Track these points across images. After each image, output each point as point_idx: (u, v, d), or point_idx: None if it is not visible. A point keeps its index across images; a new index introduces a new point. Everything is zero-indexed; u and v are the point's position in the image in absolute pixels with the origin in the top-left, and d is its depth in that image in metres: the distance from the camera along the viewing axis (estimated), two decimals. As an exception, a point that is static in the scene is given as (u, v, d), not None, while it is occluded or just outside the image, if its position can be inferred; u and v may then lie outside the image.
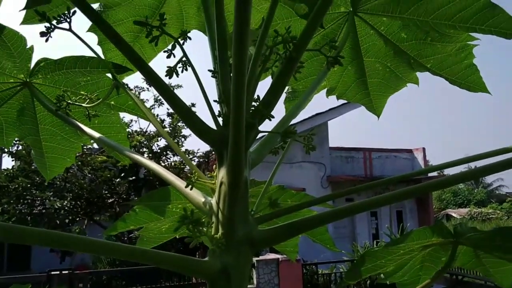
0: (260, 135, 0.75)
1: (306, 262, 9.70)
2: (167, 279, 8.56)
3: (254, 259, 8.59)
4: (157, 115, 12.00)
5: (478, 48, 1.04)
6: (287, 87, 1.21)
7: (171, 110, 11.18)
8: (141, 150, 11.57)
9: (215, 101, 0.76)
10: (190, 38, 0.77)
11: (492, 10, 0.90)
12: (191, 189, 0.74)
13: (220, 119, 0.76)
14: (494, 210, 29.65)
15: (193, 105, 12.01)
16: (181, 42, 0.76)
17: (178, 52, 0.77)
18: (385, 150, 15.39)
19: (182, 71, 0.77)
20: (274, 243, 0.71)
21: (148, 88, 12.86)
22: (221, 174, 0.70)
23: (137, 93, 12.63)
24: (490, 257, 0.99)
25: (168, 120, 12.47)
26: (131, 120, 12.63)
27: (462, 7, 0.91)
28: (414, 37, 1.03)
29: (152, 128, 12.43)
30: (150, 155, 11.73)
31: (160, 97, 10.22)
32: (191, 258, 0.65)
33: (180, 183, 0.77)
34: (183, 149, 12.36)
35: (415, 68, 1.11)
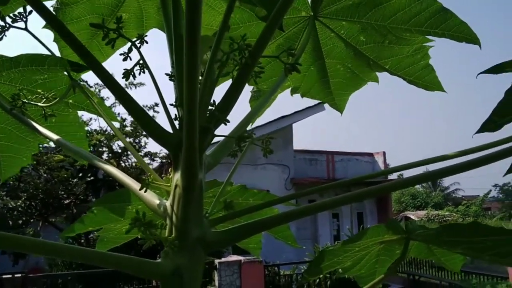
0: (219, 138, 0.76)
1: (268, 263, 9.76)
2: (126, 282, 8.35)
3: (216, 261, 8.55)
4: (119, 114, 11.70)
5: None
6: (252, 87, 1.22)
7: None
8: (100, 149, 11.25)
9: (171, 104, 0.75)
10: (147, 42, 0.75)
11: (445, 14, 0.94)
12: (145, 191, 0.73)
13: (176, 123, 0.75)
14: (450, 213, 30.97)
15: (156, 105, 11.82)
16: (138, 44, 0.75)
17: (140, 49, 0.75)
18: (348, 153, 15.76)
19: (139, 73, 0.75)
20: (229, 244, 0.72)
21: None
22: (176, 177, 0.70)
23: (97, 90, 12.27)
24: (440, 248, 1.06)
25: (130, 118, 12.20)
26: (90, 119, 12.26)
27: (416, 12, 0.95)
28: (372, 40, 1.06)
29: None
30: (110, 154, 11.44)
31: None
32: (143, 259, 0.64)
33: (135, 185, 0.76)
34: (146, 150, 12.13)
35: (374, 69, 1.14)
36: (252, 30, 1.05)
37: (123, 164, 11.72)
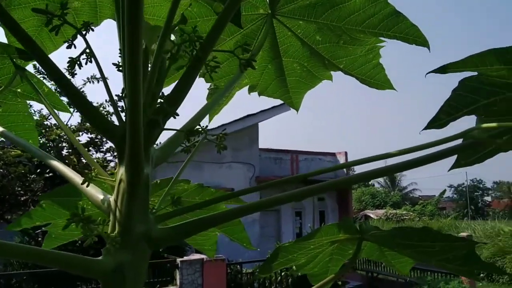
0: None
1: (231, 262, 9.75)
2: (84, 282, 8.10)
3: (178, 259, 8.45)
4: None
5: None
6: (209, 84, 1.21)
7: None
8: (60, 145, 10.84)
9: (117, 95, 0.73)
10: (93, 30, 0.72)
11: (397, 17, 0.96)
12: (87, 186, 0.70)
13: (123, 115, 0.72)
14: (407, 212, 32.08)
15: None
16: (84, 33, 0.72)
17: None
18: (311, 153, 16.01)
19: (86, 63, 0.72)
20: (174, 241, 0.70)
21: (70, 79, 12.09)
22: (121, 171, 0.68)
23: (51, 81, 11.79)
24: (391, 251, 1.09)
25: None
26: (50, 113, 11.77)
27: (370, 14, 0.97)
28: (328, 40, 1.08)
29: (73, 122, 11.72)
30: (70, 150, 11.05)
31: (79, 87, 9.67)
32: (82, 257, 0.62)
33: (79, 179, 0.73)
34: (108, 145, 11.79)
35: (329, 68, 1.16)
36: (209, 25, 1.03)
37: (84, 160, 11.36)
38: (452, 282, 9.36)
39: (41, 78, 1.09)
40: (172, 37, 0.73)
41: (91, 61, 0.71)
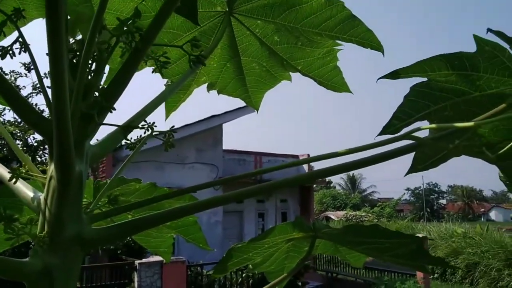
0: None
1: (191, 263, 9.64)
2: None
3: (136, 261, 8.26)
4: (36, 104, 10.82)
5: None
6: (166, 80, 1.19)
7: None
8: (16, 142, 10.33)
9: (48, 87, 0.68)
10: (24, 17, 0.68)
11: (353, 21, 0.98)
12: (15, 183, 0.65)
13: None
14: (366, 213, 33.00)
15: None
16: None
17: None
18: (274, 154, 16.12)
19: (20, 52, 0.66)
20: (110, 242, 0.67)
21: (26, 74, 11.59)
22: (51, 168, 0.63)
23: (12, 78, 11.29)
24: (344, 247, 1.12)
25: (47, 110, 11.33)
26: (4, 109, 11.24)
27: (327, 17, 0.99)
28: (286, 41, 1.08)
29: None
30: (25, 148, 10.56)
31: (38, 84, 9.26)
32: (7, 258, 0.57)
33: (7, 175, 0.67)
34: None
35: (288, 69, 1.17)
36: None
37: (39, 159, 10.88)
38: (408, 281, 9.71)
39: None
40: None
41: (25, 51, 0.67)
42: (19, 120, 10.98)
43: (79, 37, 0.71)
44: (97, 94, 0.65)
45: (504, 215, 54.58)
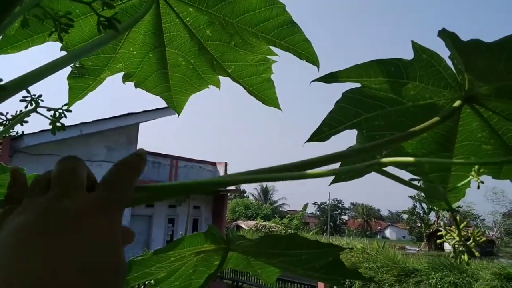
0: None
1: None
2: None
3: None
4: None
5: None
6: (77, 63, 1.02)
7: None
8: None
9: None
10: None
11: (292, 28, 0.92)
12: None
13: None
14: (275, 224, 33.90)
15: None
16: None
17: None
18: (192, 160, 15.84)
19: None
20: None
21: None
22: None
23: None
24: (258, 261, 1.04)
25: None
26: None
27: (265, 17, 0.91)
28: (218, 38, 0.99)
29: None
30: None
31: None
32: None
33: None
34: None
35: (217, 71, 1.07)
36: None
37: None
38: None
39: None
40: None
41: None
42: None
43: None
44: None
45: (397, 233, 59.81)
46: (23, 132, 0.81)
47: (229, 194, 19.10)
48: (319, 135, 0.74)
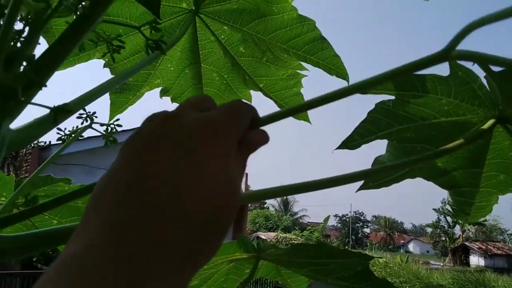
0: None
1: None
2: None
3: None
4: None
5: None
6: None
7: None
8: None
9: None
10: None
11: (322, 43, 0.96)
12: None
13: None
14: (296, 237, 33.59)
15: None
16: None
17: None
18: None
19: None
20: (22, 254, 0.51)
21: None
22: None
23: None
24: (287, 269, 1.06)
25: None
26: None
27: (296, 34, 0.95)
28: (251, 54, 1.03)
29: None
30: None
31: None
32: None
33: None
34: None
35: (249, 86, 1.11)
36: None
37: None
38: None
39: None
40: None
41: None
42: None
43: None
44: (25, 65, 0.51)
45: (421, 248, 58.33)
46: (50, 142, 0.85)
47: (249, 204, 19.07)
48: (350, 143, 0.76)
